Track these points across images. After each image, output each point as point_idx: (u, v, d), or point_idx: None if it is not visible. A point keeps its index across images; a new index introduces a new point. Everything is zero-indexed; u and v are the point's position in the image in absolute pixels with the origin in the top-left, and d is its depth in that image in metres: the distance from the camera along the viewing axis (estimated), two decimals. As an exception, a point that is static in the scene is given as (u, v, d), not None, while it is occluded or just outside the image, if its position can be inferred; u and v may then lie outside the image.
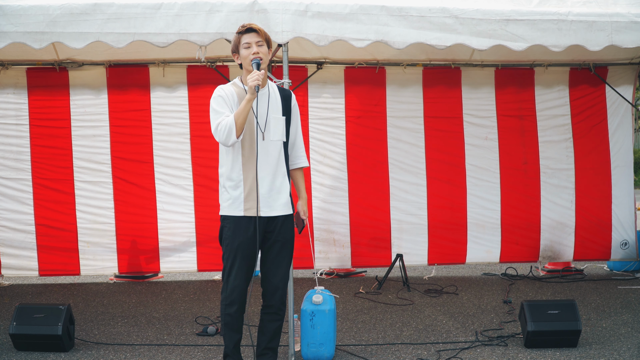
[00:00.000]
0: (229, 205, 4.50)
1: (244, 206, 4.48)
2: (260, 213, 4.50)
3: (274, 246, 4.59)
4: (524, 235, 8.28)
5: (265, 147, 4.51)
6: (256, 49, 4.50)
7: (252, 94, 4.37)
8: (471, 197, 8.22)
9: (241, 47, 4.52)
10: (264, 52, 4.54)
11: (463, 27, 5.62)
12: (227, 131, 4.34)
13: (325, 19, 5.60)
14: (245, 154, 4.49)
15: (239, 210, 4.48)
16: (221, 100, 4.48)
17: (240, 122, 4.35)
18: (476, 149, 8.20)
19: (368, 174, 8.14)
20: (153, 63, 7.88)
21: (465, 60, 8.13)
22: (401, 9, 5.61)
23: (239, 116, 4.35)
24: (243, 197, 4.48)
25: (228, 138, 4.35)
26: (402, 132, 8.15)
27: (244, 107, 4.36)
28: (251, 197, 4.48)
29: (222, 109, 4.45)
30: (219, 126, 4.38)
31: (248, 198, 4.48)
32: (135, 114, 7.92)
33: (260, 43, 4.53)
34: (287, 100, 4.69)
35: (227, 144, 4.39)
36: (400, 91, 8.16)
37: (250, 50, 4.49)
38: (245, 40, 4.51)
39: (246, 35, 4.52)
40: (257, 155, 4.46)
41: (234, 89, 4.55)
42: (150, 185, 7.96)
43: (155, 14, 5.44)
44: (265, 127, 4.52)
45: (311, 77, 8.05)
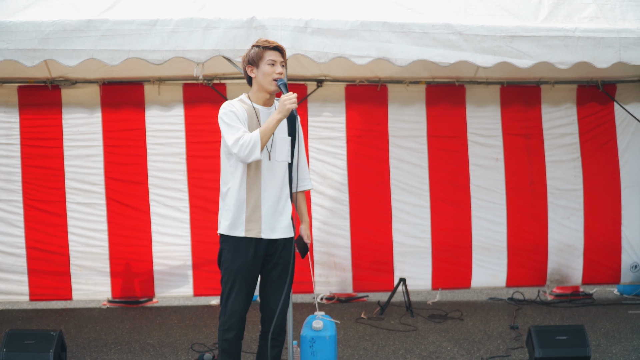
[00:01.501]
0: (229, 225, 4.48)
1: (246, 227, 4.47)
2: (262, 235, 4.49)
3: (274, 270, 4.58)
4: (531, 259, 8.26)
5: (271, 168, 4.52)
6: (280, 69, 4.52)
7: (285, 114, 4.40)
8: (476, 218, 8.20)
9: (263, 63, 4.51)
10: (285, 73, 4.59)
11: (467, 43, 5.63)
12: (251, 147, 4.33)
13: (325, 36, 5.62)
14: (251, 174, 4.48)
15: (239, 231, 4.47)
16: (234, 115, 4.46)
17: (265, 140, 4.36)
18: (481, 169, 8.20)
19: (370, 195, 8.13)
20: (148, 81, 7.90)
21: (469, 78, 8.14)
22: (403, 25, 5.63)
23: (265, 134, 4.36)
24: (245, 217, 4.47)
25: (251, 154, 4.34)
26: (404, 152, 8.15)
27: (273, 126, 4.39)
28: (253, 218, 4.47)
29: (236, 123, 4.43)
30: (240, 140, 4.35)
31: (250, 219, 4.47)
32: (129, 134, 7.92)
33: (283, 64, 4.57)
34: (293, 120, 4.69)
35: (247, 160, 4.37)
36: (403, 109, 8.17)
37: (275, 69, 4.51)
38: (271, 57, 4.52)
39: (272, 52, 4.53)
40: (261, 175, 4.47)
41: (242, 106, 4.54)
42: (145, 207, 7.95)
43: (150, 30, 5.45)
44: (271, 147, 4.53)
45: (311, 95, 8.07)
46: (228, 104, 4.51)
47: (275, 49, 4.54)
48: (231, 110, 4.46)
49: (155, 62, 5.48)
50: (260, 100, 4.59)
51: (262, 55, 4.52)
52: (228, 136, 4.39)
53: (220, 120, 4.44)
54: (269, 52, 4.52)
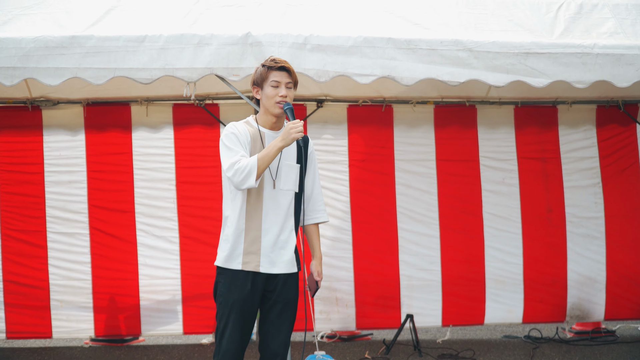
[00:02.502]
0: (226, 256, 4.49)
1: (243, 259, 4.47)
2: (261, 269, 4.48)
3: (274, 307, 4.56)
4: (549, 293, 8.24)
5: (274, 196, 4.52)
6: (285, 92, 4.50)
7: (288, 143, 4.37)
8: (490, 249, 8.19)
9: (267, 84, 4.51)
10: (292, 96, 4.56)
11: (478, 61, 5.67)
12: (246, 173, 4.31)
13: (325, 53, 5.66)
14: (251, 202, 4.48)
15: (236, 262, 4.47)
16: (235, 138, 4.46)
17: (263, 167, 4.35)
18: (495, 196, 8.21)
19: (374, 224, 8.13)
20: (135, 101, 7.93)
21: (481, 98, 8.17)
22: (409, 42, 5.68)
23: (264, 161, 4.34)
24: (243, 248, 4.47)
25: (245, 180, 4.32)
26: (411, 177, 8.16)
27: (274, 153, 4.36)
28: (252, 250, 4.47)
29: (235, 147, 4.43)
30: (236, 165, 4.34)
31: (249, 250, 4.47)
32: (115, 158, 7.94)
33: (290, 85, 4.55)
34: (304, 146, 4.68)
35: (240, 186, 4.36)
36: (410, 132, 8.20)
37: (278, 91, 4.50)
38: (275, 78, 4.51)
39: (277, 72, 4.52)
40: (263, 203, 4.47)
41: (247, 128, 4.55)
42: (131, 237, 7.95)
43: (138, 47, 5.49)
44: (276, 174, 4.53)
45: (310, 116, 8.09)
46: (231, 126, 4.52)
47: (281, 69, 4.52)
48: (232, 132, 4.47)
49: (143, 81, 5.52)
50: (267, 123, 4.59)
51: (266, 76, 4.52)
52: (225, 159, 4.39)
53: (221, 142, 4.45)
54: (273, 72, 4.52)
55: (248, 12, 6.04)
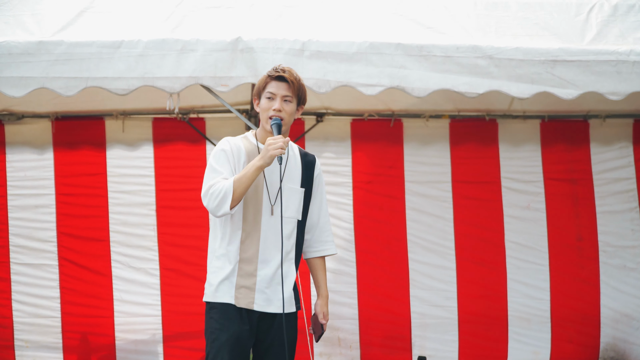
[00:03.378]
0: (215, 289, 4.45)
1: (235, 294, 4.42)
2: (255, 307, 4.44)
3: (269, 351, 4.52)
4: (580, 331, 8.21)
5: (273, 225, 4.46)
6: (279, 105, 4.45)
7: (267, 162, 4.29)
8: (513, 283, 8.16)
9: (263, 95, 4.50)
10: (290, 111, 4.49)
11: (499, 69, 5.66)
12: (220, 198, 4.27)
13: (326, 60, 5.65)
14: (246, 229, 4.44)
15: (228, 296, 4.42)
16: (223, 156, 4.43)
17: (240, 191, 4.28)
18: (518, 222, 8.18)
19: (381, 254, 8.10)
20: (110, 115, 7.91)
21: (502, 111, 8.16)
22: (422, 48, 5.67)
23: (240, 184, 4.28)
24: (235, 282, 4.43)
25: (219, 207, 4.28)
26: (424, 201, 8.14)
27: (252, 174, 4.29)
28: (246, 285, 4.42)
29: (221, 167, 4.40)
30: (211, 188, 4.30)
31: (242, 285, 4.42)
32: (87, 179, 7.92)
33: (288, 98, 4.48)
34: (310, 167, 4.69)
35: (216, 213, 4.33)
36: (422, 149, 8.18)
37: (271, 104, 4.46)
38: (270, 89, 4.48)
39: (274, 82, 4.49)
40: (261, 232, 4.43)
41: (243, 145, 4.53)
42: (106, 269, 7.92)
43: (113, 54, 5.49)
44: (275, 199, 4.48)
45: (309, 132, 8.09)
46: (224, 142, 4.50)
47: (279, 79, 4.48)
48: (223, 150, 4.45)
49: (120, 92, 5.51)
50: (265, 139, 4.54)
51: (263, 86, 4.51)
52: (205, 182, 4.38)
53: (208, 161, 4.45)
54: (271, 82, 4.49)
55: (238, 14, 6.04)
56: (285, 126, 4.47)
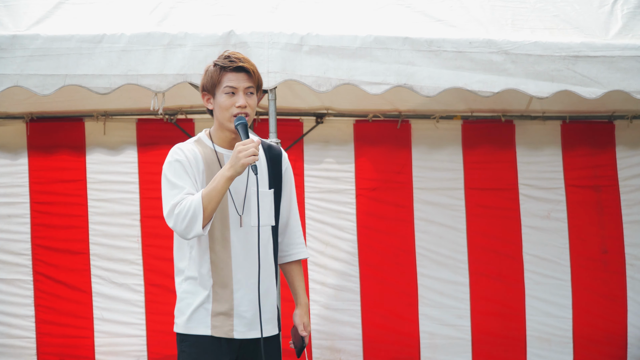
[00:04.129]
0: (187, 319, 4.29)
1: (212, 322, 4.26)
2: (235, 334, 4.28)
3: None
4: (605, 353, 8.21)
5: (245, 237, 4.26)
6: (243, 101, 4.18)
7: (237, 171, 4.02)
8: (531, 299, 8.17)
9: (220, 90, 4.20)
10: (254, 105, 4.24)
11: (516, 66, 5.68)
12: (189, 218, 4.03)
13: (327, 56, 5.67)
14: (215, 249, 4.24)
15: (203, 326, 4.26)
16: (180, 167, 4.18)
17: (211, 208, 4.04)
18: (537, 233, 8.18)
19: (388, 268, 8.11)
20: (91, 116, 7.92)
21: (520, 112, 8.17)
22: (431, 42, 5.69)
23: (210, 199, 4.02)
24: (211, 309, 4.26)
25: (189, 228, 4.05)
26: (434, 210, 8.14)
27: (222, 187, 4.02)
28: (223, 310, 4.26)
29: (181, 180, 4.15)
30: (177, 208, 4.06)
31: (218, 311, 4.26)
32: (65, 186, 7.93)
33: (251, 90, 4.22)
34: (276, 162, 4.47)
35: (186, 236, 4.10)
36: (432, 153, 8.19)
37: (234, 100, 4.17)
38: (230, 83, 4.17)
39: (232, 74, 4.19)
40: (231, 248, 4.25)
41: (198, 150, 4.27)
42: (85, 284, 7.92)
43: (94, 49, 5.51)
44: (244, 207, 4.28)
45: (308, 134, 8.09)
46: (176, 151, 4.25)
47: (239, 69, 4.19)
48: (177, 160, 4.18)
49: (101, 90, 5.53)
50: (224, 141, 4.31)
51: (218, 79, 4.21)
52: (165, 200, 4.11)
53: (163, 173, 4.21)
54: (227, 74, 4.19)
55: (231, 5, 6.06)
56: (249, 122, 4.23)
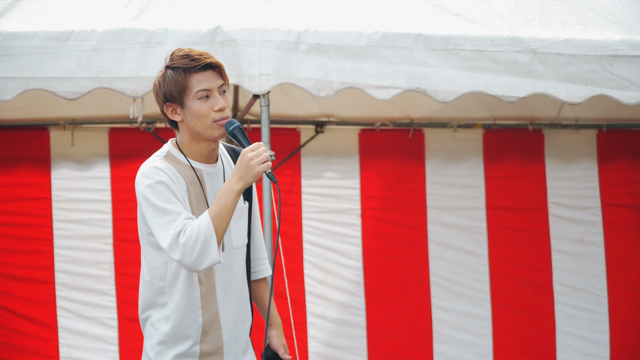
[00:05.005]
0: None
1: None
2: None
3: None
4: (647, 397, 8.23)
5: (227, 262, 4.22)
6: (222, 102, 4.09)
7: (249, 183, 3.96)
8: (563, 335, 8.17)
9: (190, 96, 4.07)
10: (230, 104, 4.17)
11: (546, 67, 5.68)
12: (201, 246, 3.91)
13: (328, 56, 5.67)
14: (203, 280, 4.20)
15: None
16: (166, 190, 4.04)
17: (223, 230, 3.95)
18: (570, 259, 8.18)
19: (398, 299, 8.11)
20: (57, 124, 7.92)
21: (550, 119, 8.19)
22: (447, 40, 5.69)
23: (221, 219, 3.94)
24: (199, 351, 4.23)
25: (202, 257, 3.93)
26: (451, 233, 8.15)
27: (232, 202, 3.94)
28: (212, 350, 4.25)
29: (173, 205, 4.02)
30: (182, 237, 3.93)
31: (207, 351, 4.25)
32: (27, 205, 7.94)
33: (224, 88, 4.14)
34: None
35: (199, 267, 3.97)
36: (449, 167, 8.19)
37: (211, 103, 4.07)
38: (202, 86, 4.07)
39: (200, 74, 4.08)
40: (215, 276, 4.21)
41: (175, 169, 4.15)
42: (50, 318, 7.92)
43: (61, 48, 5.51)
44: None
45: (307, 145, 8.10)
46: (153, 171, 4.08)
47: (206, 67, 4.09)
48: (161, 182, 4.04)
49: (69, 95, 5.52)
50: (201, 154, 4.21)
51: (185, 84, 4.07)
52: (160, 230, 4.00)
53: (144, 200, 4.07)
54: (195, 75, 4.08)
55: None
56: None
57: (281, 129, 7.98)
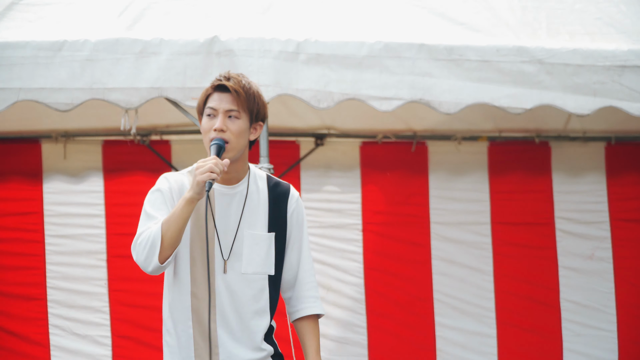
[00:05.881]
0: None
1: None
2: None
3: None
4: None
5: (232, 285, 4.27)
6: (220, 123, 4.19)
7: (196, 192, 4.06)
8: (570, 354, 8.16)
9: (204, 112, 4.28)
10: (237, 130, 4.22)
11: (552, 78, 5.68)
12: (149, 247, 4.07)
13: (328, 66, 5.67)
14: (199, 295, 4.25)
15: None
16: (159, 197, 4.23)
17: (170, 236, 4.07)
18: (577, 276, 8.17)
19: (400, 317, 8.09)
20: (49, 137, 7.92)
21: (557, 132, 8.18)
22: (452, 50, 5.69)
23: (169, 226, 4.06)
24: None
25: (148, 259, 4.08)
26: (456, 249, 8.14)
27: (181, 211, 4.06)
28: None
29: (156, 211, 4.19)
30: (140, 237, 4.13)
31: None
32: (18, 220, 7.94)
33: (234, 114, 4.22)
34: (281, 202, 4.42)
35: (146, 268, 4.12)
36: (453, 181, 8.19)
37: (213, 123, 4.21)
38: (210, 104, 4.24)
39: (216, 94, 4.24)
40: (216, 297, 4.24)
41: (188, 181, 4.27)
42: (42, 336, 7.91)
43: (53, 58, 5.51)
44: (231, 251, 4.31)
45: (306, 158, 8.10)
46: (162, 180, 4.30)
47: (220, 88, 4.24)
48: (158, 190, 4.25)
49: (61, 107, 5.53)
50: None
51: (204, 101, 4.30)
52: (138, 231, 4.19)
53: (143, 206, 4.27)
54: (212, 95, 4.27)
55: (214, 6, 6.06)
56: (233, 152, 4.22)
57: (280, 142, 7.97)
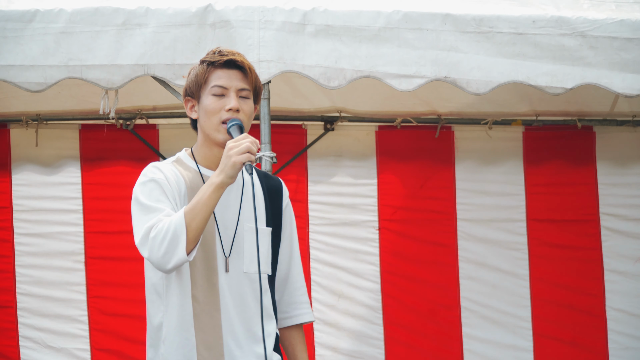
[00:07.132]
0: None
1: None
2: None
3: None
4: None
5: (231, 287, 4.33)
6: (235, 102, 4.27)
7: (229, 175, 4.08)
8: (618, 369, 8.18)
9: (206, 91, 4.32)
10: (250, 111, 4.34)
11: (597, 53, 5.68)
12: (169, 240, 4.06)
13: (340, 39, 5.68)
14: (199, 297, 4.31)
15: None
16: (156, 187, 4.24)
17: (196, 226, 4.08)
18: (625, 281, 8.18)
19: (422, 328, 8.11)
20: (18, 120, 7.93)
21: (602, 115, 8.18)
22: (481, 21, 5.69)
23: (195, 214, 4.07)
24: None
25: (170, 254, 4.06)
26: (486, 250, 8.15)
27: (209, 198, 4.08)
28: None
29: (159, 203, 4.20)
30: (153, 231, 4.09)
31: None
32: (-17, 216, 7.97)
33: (245, 93, 4.33)
34: (276, 195, 4.56)
35: (166, 265, 4.11)
36: (483, 172, 8.19)
37: (223, 102, 4.28)
38: (219, 82, 4.30)
39: (222, 71, 4.32)
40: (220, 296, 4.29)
41: (179, 173, 4.36)
42: (11, 350, 7.94)
43: (23, 31, 5.52)
44: (232, 247, 4.37)
45: (314, 145, 8.10)
46: (150, 169, 4.33)
47: (229, 64, 4.32)
48: (152, 180, 4.26)
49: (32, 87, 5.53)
50: (212, 160, 4.40)
51: (205, 78, 4.34)
52: (137, 228, 4.18)
53: (134, 197, 4.26)
54: (216, 71, 4.33)
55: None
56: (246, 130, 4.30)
57: (284, 126, 7.98)
